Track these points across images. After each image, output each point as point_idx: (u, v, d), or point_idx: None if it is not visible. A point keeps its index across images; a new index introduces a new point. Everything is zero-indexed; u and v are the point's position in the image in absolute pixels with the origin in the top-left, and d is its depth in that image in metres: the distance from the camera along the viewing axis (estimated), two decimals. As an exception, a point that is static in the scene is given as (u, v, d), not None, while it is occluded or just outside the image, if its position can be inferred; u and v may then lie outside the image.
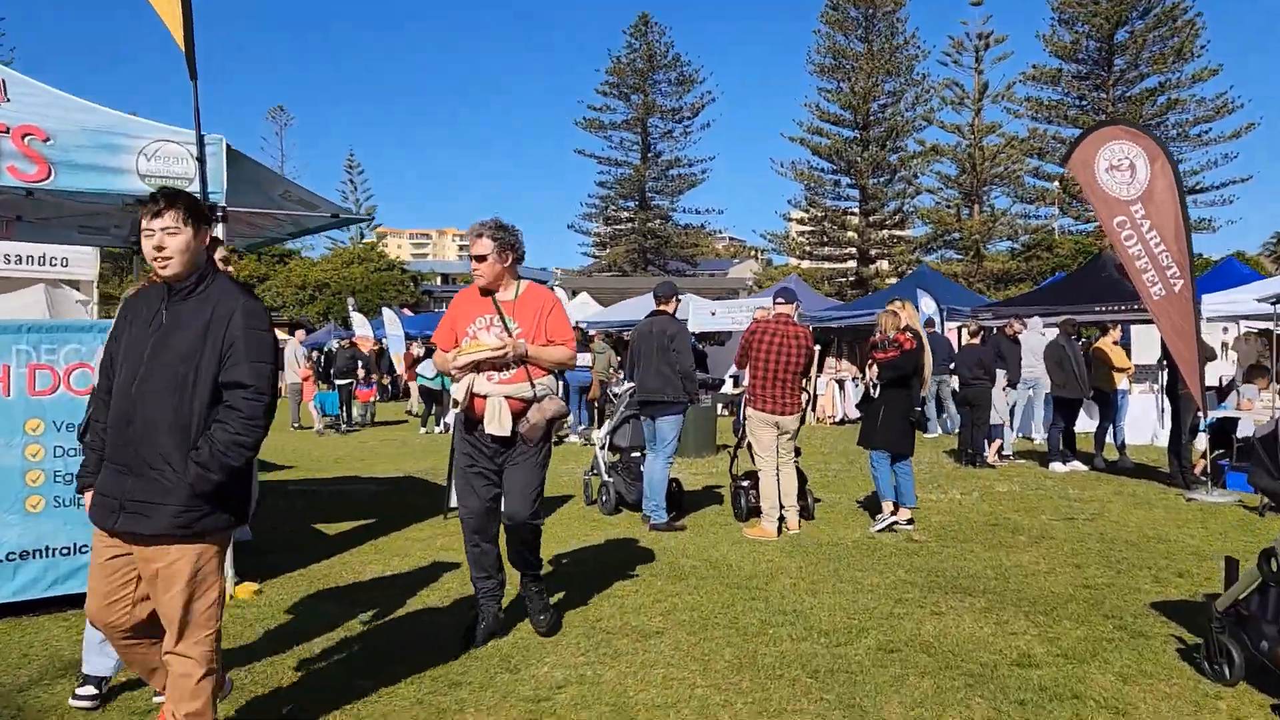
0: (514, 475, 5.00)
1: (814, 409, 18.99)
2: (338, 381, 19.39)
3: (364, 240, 74.11)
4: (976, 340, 12.93)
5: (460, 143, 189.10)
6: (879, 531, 8.24)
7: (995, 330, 14.54)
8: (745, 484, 8.96)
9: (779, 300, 8.73)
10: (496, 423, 4.86)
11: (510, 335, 4.93)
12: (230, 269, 4.52)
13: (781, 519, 8.28)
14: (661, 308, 8.99)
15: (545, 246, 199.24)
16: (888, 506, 8.52)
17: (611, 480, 9.52)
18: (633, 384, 9.05)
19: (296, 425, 19.46)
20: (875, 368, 8.71)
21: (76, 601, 5.38)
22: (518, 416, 4.91)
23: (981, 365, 12.64)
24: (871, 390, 8.81)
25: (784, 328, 8.42)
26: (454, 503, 8.83)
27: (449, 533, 8.17)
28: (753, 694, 4.35)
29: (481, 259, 5.03)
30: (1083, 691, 4.36)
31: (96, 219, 8.28)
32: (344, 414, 19.15)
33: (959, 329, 18.99)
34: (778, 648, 5.02)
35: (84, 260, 9.42)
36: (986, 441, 12.82)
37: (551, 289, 29.82)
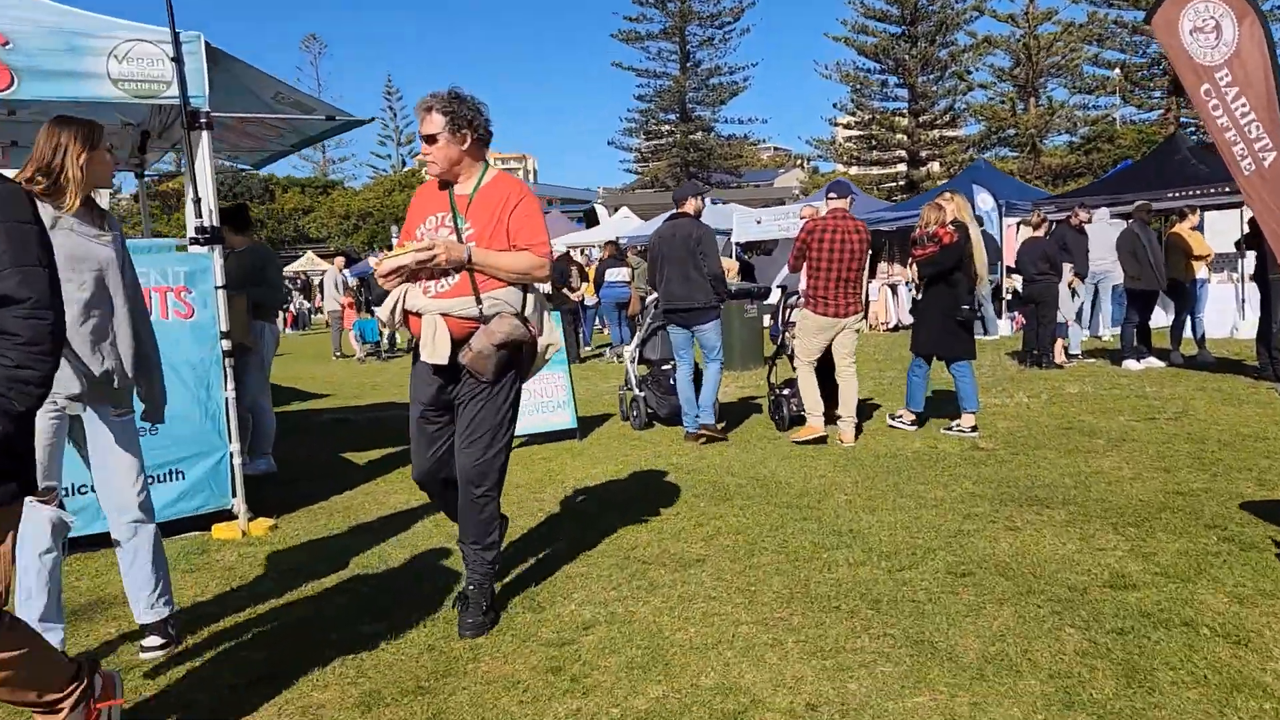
0: (462, 417, 3.98)
1: (866, 316, 18.23)
2: (376, 309, 18.94)
3: (405, 168, 73.64)
4: (1040, 233, 12.05)
5: (497, 62, 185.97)
6: (892, 424, 8.14)
7: (1059, 222, 13.61)
8: (785, 391, 8.47)
9: (832, 195, 8.04)
10: (431, 347, 3.85)
11: (460, 237, 3.90)
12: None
13: (831, 424, 7.74)
14: (682, 210, 8.34)
15: (588, 166, 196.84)
16: (907, 415, 8.20)
17: (643, 395, 9.05)
18: (655, 295, 8.56)
19: (338, 354, 19.18)
20: (915, 266, 8.10)
21: None
22: (462, 342, 3.86)
23: (1047, 259, 11.79)
24: (915, 292, 8.28)
25: (842, 223, 7.78)
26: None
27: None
28: (805, 630, 3.81)
29: (431, 140, 3.95)
30: (1193, 618, 3.74)
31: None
32: (384, 340, 18.80)
33: (1018, 224, 18.01)
34: (832, 574, 4.47)
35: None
36: (1052, 340, 12.04)
37: (592, 208, 29.04)
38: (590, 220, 31.65)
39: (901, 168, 50.45)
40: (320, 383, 14.51)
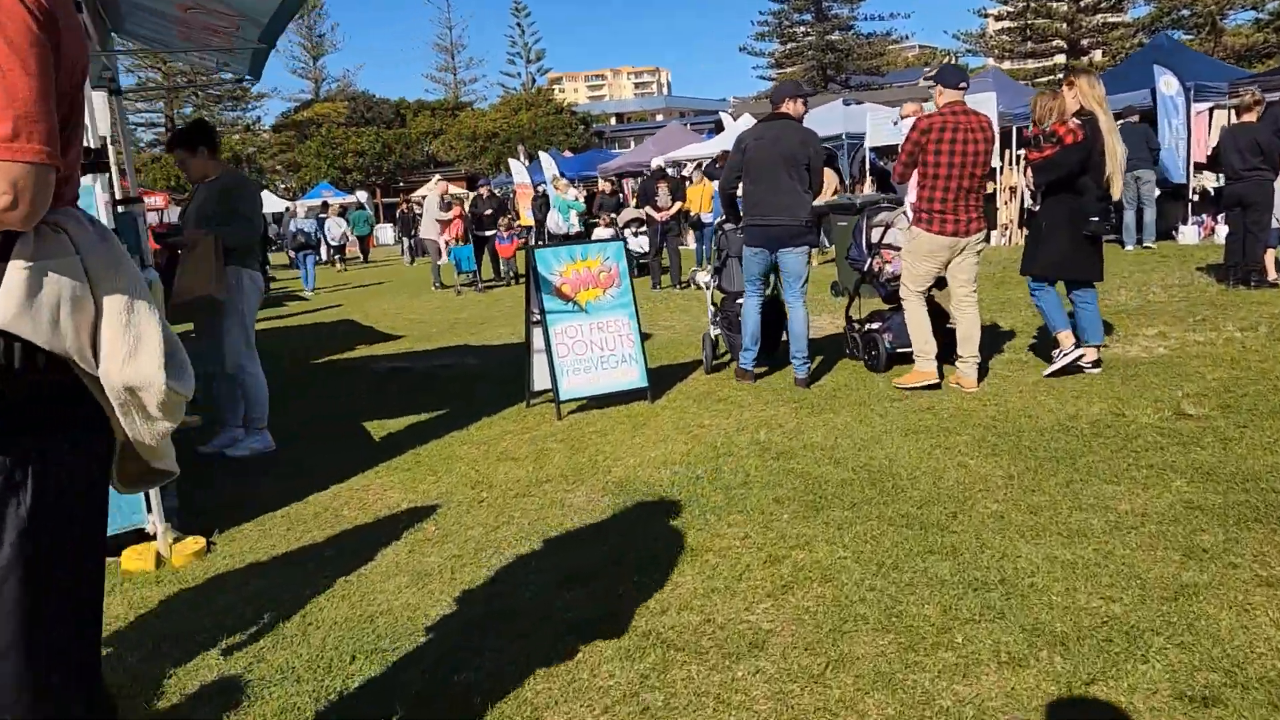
0: None
1: (988, 234, 15.76)
2: (475, 234, 17.62)
3: (535, 86, 72.18)
4: (1251, 117, 9.51)
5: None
6: (1054, 374, 6.27)
7: (1274, 104, 10.90)
8: (876, 326, 6.84)
9: (955, 85, 6.12)
10: None
11: None
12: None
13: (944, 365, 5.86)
14: (780, 111, 6.62)
15: (721, 77, 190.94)
16: (1065, 339, 6.29)
17: (717, 332, 7.73)
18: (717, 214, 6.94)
19: (438, 285, 17.92)
20: (1030, 171, 6.24)
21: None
22: None
23: (1259, 150, 9.30)
24: (1032, 201, 6.61)
25: (961, 118, 6.02)
26: (537, 386, 6.84)
27: (520, 431, 6.15)
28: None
29: None
30: None
31: None
32: (482, 270, 17.44)
33: (1210, 110, 15.09)
34: (971, 687, 2.69)
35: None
36: (1264, 250, 9.58)
37: (720, 119, 26.65)
38: (718, 132, 29.58)
39: (1060, 59, 45.82)
40: (400, 321, 13.26)
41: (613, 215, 17.05)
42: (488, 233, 17.41)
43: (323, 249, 28.01)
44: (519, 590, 3.61)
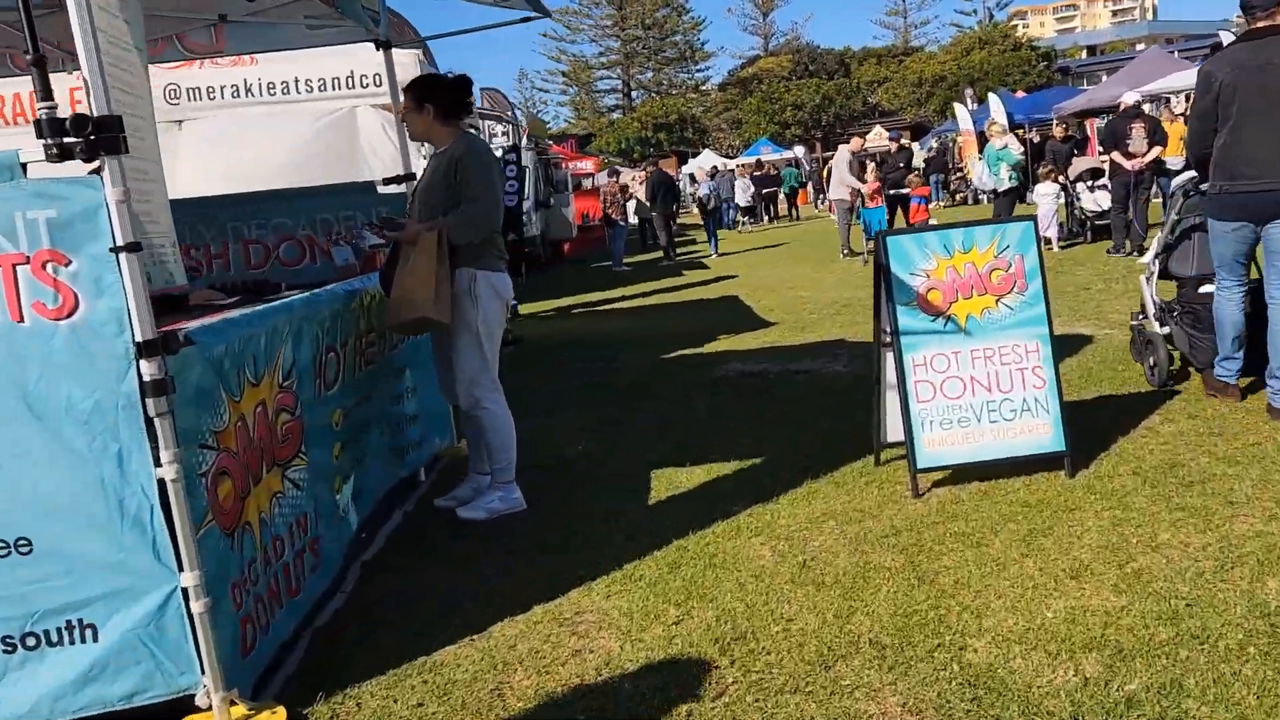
0: None
1: None
2: (889, 192, 15.25)
3: (993, 22, 66.25)
4: None
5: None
6: None
7: None
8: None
9: None
10: None
11: None
12: None
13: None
14: (1274, 24, 3.95)
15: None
16: None
17: (1165, 331, 4.91)
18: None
19: (846, 252, 15.80)
20: None
21: None
22: None
23: None
24: None
25: None
26: (890, 435, 4.67)
27: (850, 512, 4.06)
28: None
29: None
30: None
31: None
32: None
33: None
34: None
35: (407, 65, 6.80)
36: None
37: (1217, 42, 21.76)
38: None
39: None
40: (785, 298, 11.42)
41: (1061, 167, 13.82)
42: (903, 191, 14.93)
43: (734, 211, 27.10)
44: None
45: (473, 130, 5.84)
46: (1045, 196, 13.28)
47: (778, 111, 54.01)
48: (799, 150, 43.05)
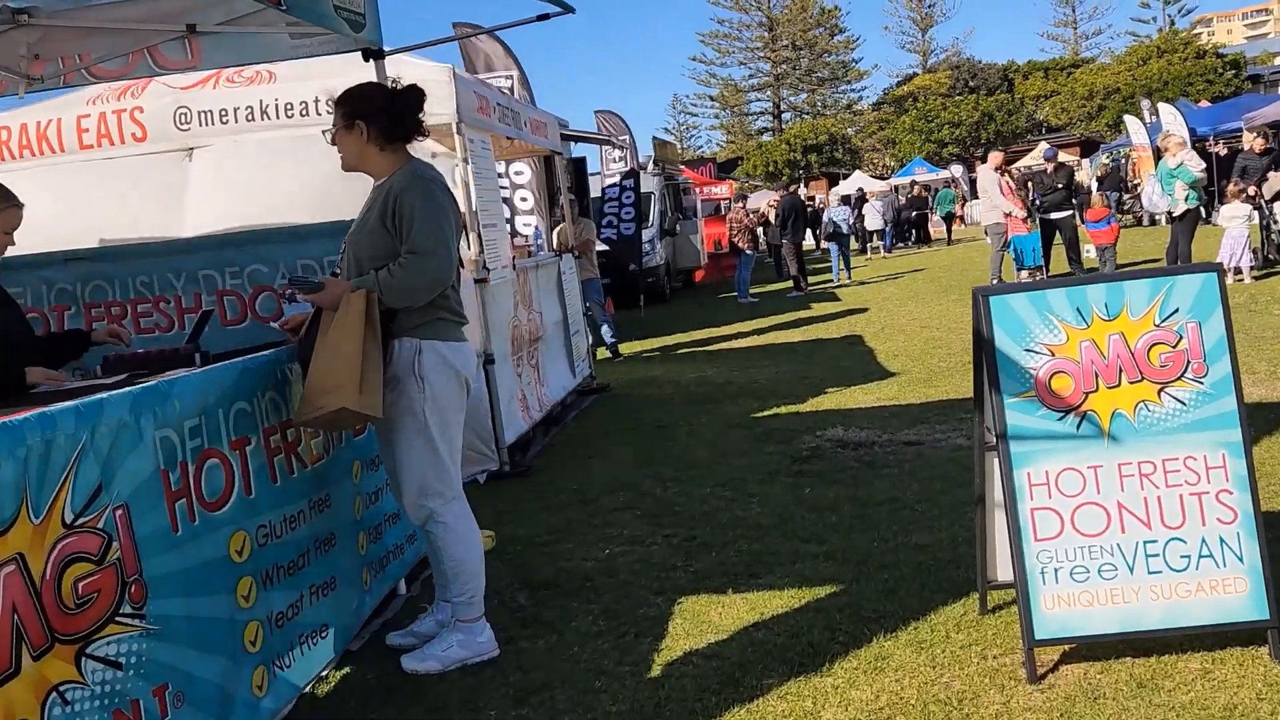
0: None
1: None
2: (1044, 217, 13.43)
3: (1173, 29, 61.72)
4: None
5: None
6: None
7: None
8: None
9: None
10: None
11: None
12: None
13: None
14: None
15: None
16: None
17: None
18: None
19: (996, 282, 14.07)
20: None
21: None
22: None
23: None
24: None
25: None
26: (1000, 574, 3.28)
27: (935, 695, 2.74)
28: None
29: None
30: None
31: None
32: (1049, 264, 13.23)
33: None
34: None
35: (432, 88, 5.87)
36: None
37: None
38: None
39: None
40: (915, 341, 9.91)
41: (1252, 184, 11.76)
42: (1055, 215, 13.08)
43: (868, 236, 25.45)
44: None
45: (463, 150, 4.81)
46: (1234, 219, 11.29)
47: (933, 130, 51.48)
48: (956, 170, 40.67)
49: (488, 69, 10.23)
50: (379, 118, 3.30)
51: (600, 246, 16.11)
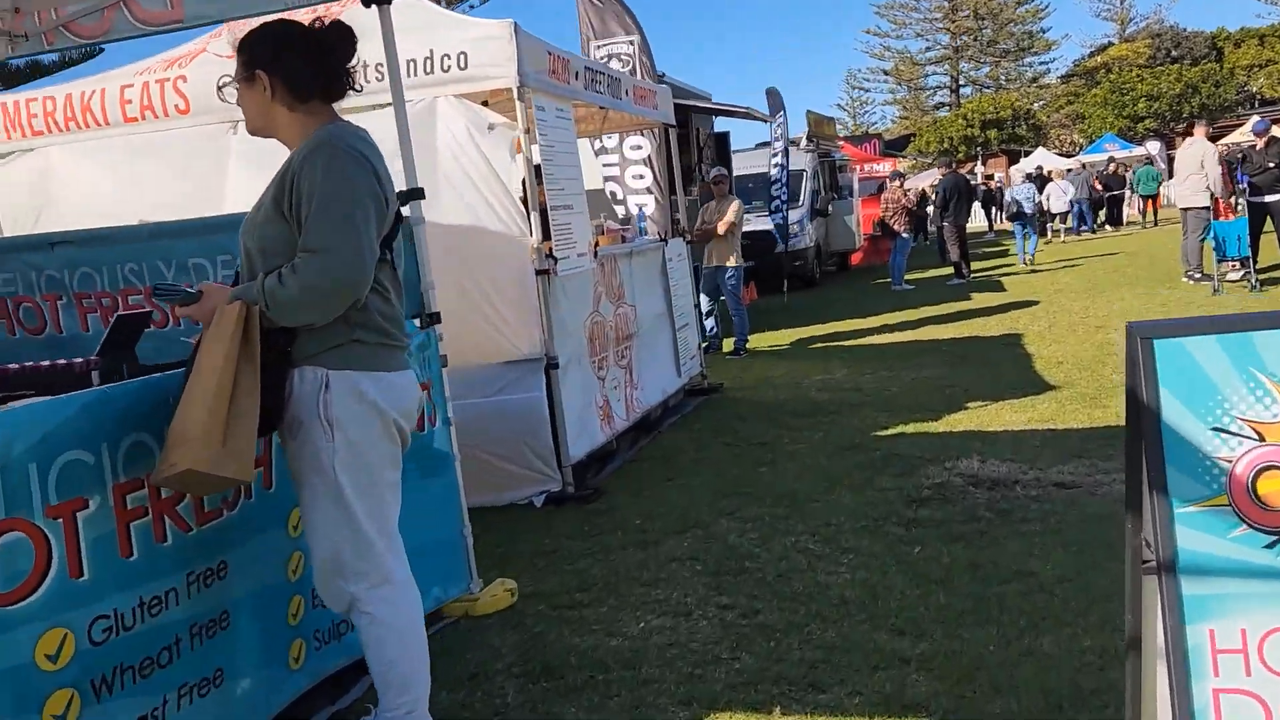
0: None
1: None
2: (1251, 200, 11.50)
3: None
4: None
5: None
6: None
7: None
8: None
9: None
10: None
11: None
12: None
13: None
14: None
15: None
16: None
17: None
18: None
19: (1194, 274, 12.14)
20: None
21: None
22: None
23: None
24: None
25: None
26: None
27: None
28: None
29: None
30: None
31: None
32: (1258, 254, 11.28)
33: None
34: None
35: (490, 47, 5.27)
36: None
37: None
38: None
39: None
40: (1079, 344, 8.45)
41: None
42: (1267, 198, 11.11)
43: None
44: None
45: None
46: None
47: (1128, 104, 47.42)
48: (1152, 146, 37.14)
49: (607, 34, 9.36)
50: (285, 66, 2.44)
51: (761, 226, 15.10)
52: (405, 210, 3.77)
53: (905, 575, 3.75)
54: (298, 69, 2.44)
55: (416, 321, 3.69)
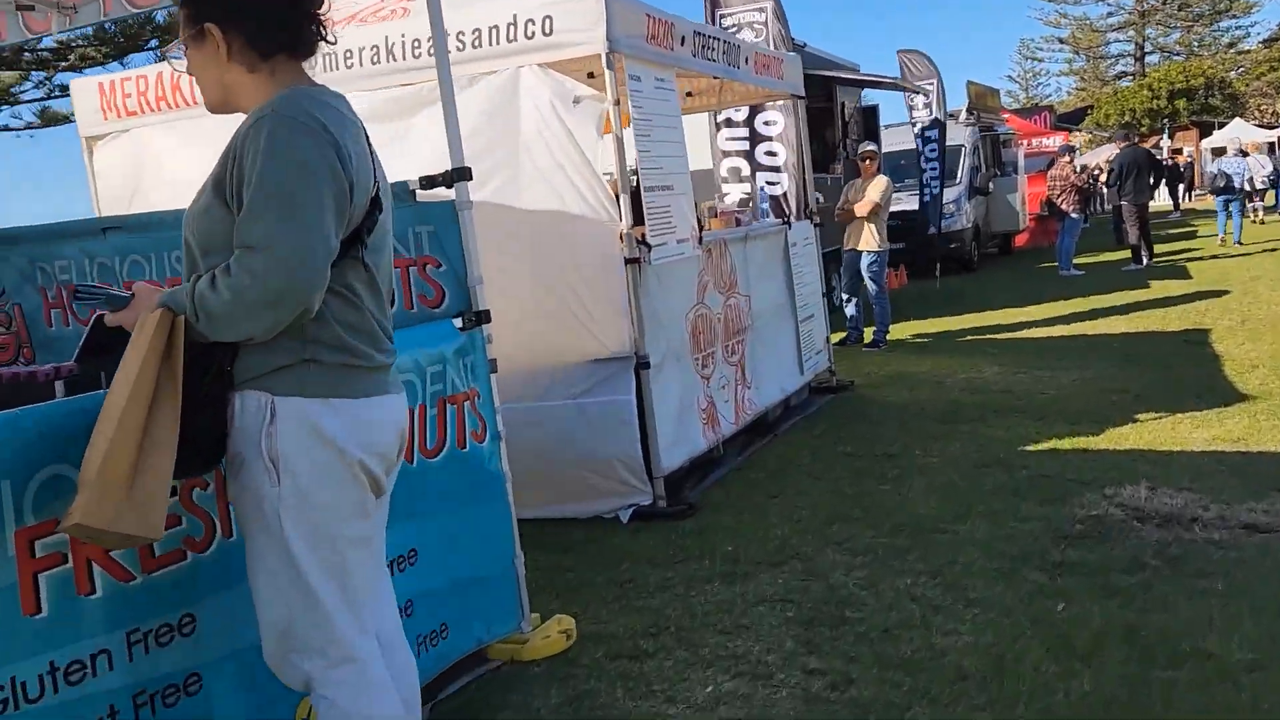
0: None
1: None
2: None
3: None
4: None
5: None
6: None
7: None
8: None
9: None
10: None
11: None
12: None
13: None
14: None
15: None
16: None
17: None
18: None
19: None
20: None
21: None
22: None
23: None
24: None
25: None
26: None
27: None
28: None
29: None
30: None
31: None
32: None
33: None
34: None
35: (576, 9, 4.80)
36: None
37: None
38: None
39: None
40: (1277, 343, 7.31)
41: None
42: None
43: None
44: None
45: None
46: None
47: (1343, 68, 43.07)
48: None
49: (738, 1, 8.70)
50: (240, 14, 1.96)
51: (911, 206, 14.14)
52: (450, 193, 3.31)
53: (1043, 643, 3.02)
54: (258, 17, 1.95)
55: (458, 321, 3.19)
